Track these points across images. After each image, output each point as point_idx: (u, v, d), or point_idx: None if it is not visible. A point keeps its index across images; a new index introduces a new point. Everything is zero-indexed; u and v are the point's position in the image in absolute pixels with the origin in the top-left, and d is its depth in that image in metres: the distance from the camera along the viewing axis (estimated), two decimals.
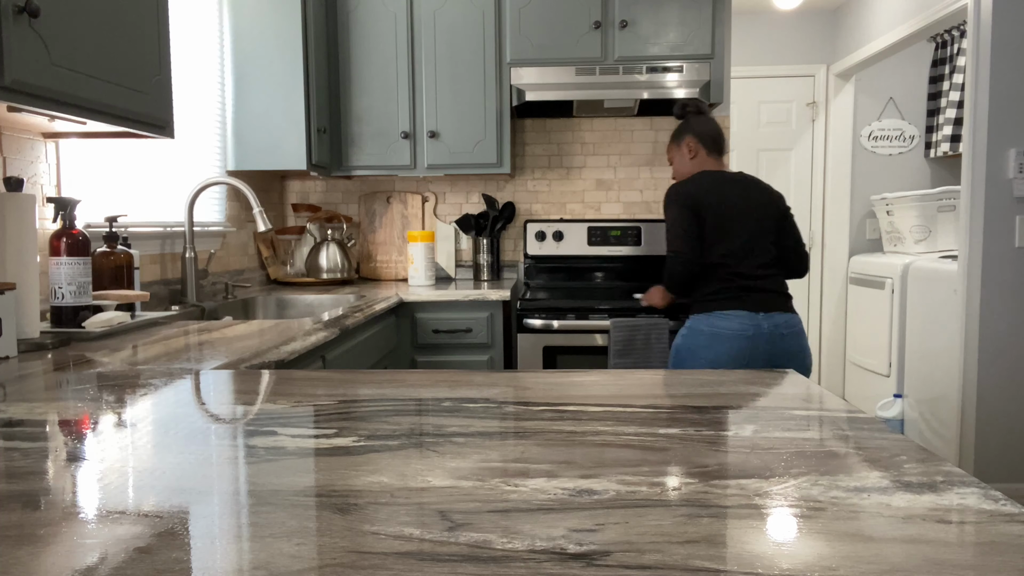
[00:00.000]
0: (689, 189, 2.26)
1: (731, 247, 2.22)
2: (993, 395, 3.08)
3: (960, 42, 4.14)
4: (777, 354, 2.20)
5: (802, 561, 0.55)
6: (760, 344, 2.17)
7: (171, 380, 1.20)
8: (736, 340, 2.16)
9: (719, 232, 2.23)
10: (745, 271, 2.22)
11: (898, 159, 4.61)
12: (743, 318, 2.17)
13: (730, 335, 2.17)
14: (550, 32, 3.03)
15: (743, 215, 2.24)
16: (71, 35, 1.40)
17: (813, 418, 0.95)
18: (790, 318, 2.22)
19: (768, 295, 2.22)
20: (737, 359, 2.17)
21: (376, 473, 0.75)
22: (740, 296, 2.20)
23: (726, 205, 2.24)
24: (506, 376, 1.22)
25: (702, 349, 2.19)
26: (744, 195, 2.27)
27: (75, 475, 0.75)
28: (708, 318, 2.20)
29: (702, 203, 2.24)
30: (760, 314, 2.18)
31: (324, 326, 1.88)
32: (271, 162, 2.83)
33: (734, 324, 2.17)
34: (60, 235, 1.63)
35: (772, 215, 2.29)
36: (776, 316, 2.20)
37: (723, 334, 2.17)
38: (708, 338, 2.19)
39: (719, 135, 2.40)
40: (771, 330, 2.18)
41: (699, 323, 2.22)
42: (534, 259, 3.37)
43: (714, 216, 2.23)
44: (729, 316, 2.18)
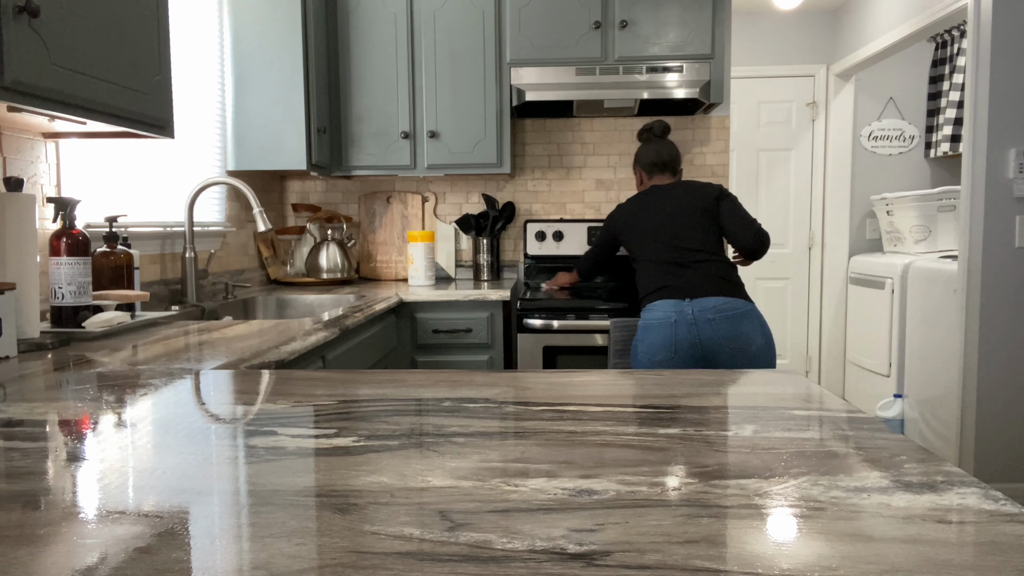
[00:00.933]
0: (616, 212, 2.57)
1: (654, 247, 2.38)
2: (993, 395, 3.08)
3: (960, 42, 4.14)
4: (706, 339, 2.23)
5: (802, 561, 0.55)
6: (683, 329, 2.22)
7: (171, 380, 1.20)
8: (661, 328, 2.25)
9: (642, 237, 2.42)
10: (672, 261, 2.32)
11: (898, 159, 4.61)
12: (667, 306, 2.28)
13: (656, 324, 2.26)
14: (550, 32, 3.03)
15: (664, 216, 2.40)
16: (71, 35, 1.40)
17: (813, 418, 0.95)
18: (724, 301, 2.24)
19: (695, 280, 2.28)
20: (665, 347, 2.24)
21: (376, 473, 0.75)
22: (665, 286, 2.33)
23: (645, 213, 2.43)
24: (506, 376, 1.22)
25: (639, 343, 2.32)
26: (664, 199, 2.43)
27: (75, 475, 0.75)
28: (644, 313, 2.35)
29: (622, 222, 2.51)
30: (685, 300, 2.25)
31: (324, 326, 1.88)
32: (271, 162, 2.83)
33: (658, 313, 2.28)
34: (60, 235, 1.63)
35: (697, 206, 2.39)
36: (704, 300, 2.25)
37: (651, 324, 2.28)
38: (642, 330, 2.32)
39: (659, 158, 2.54)
40: (697, 314, 2.23)
41: (640, 320, 2.37)
42: (534, 259, 3.37)
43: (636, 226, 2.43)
44: (656, 307, 2.30)
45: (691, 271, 2.31)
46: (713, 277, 2.29)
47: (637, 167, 2.62)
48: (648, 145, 2.59)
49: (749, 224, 2.39)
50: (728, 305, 2.24)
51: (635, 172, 2.65)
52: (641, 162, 2.59)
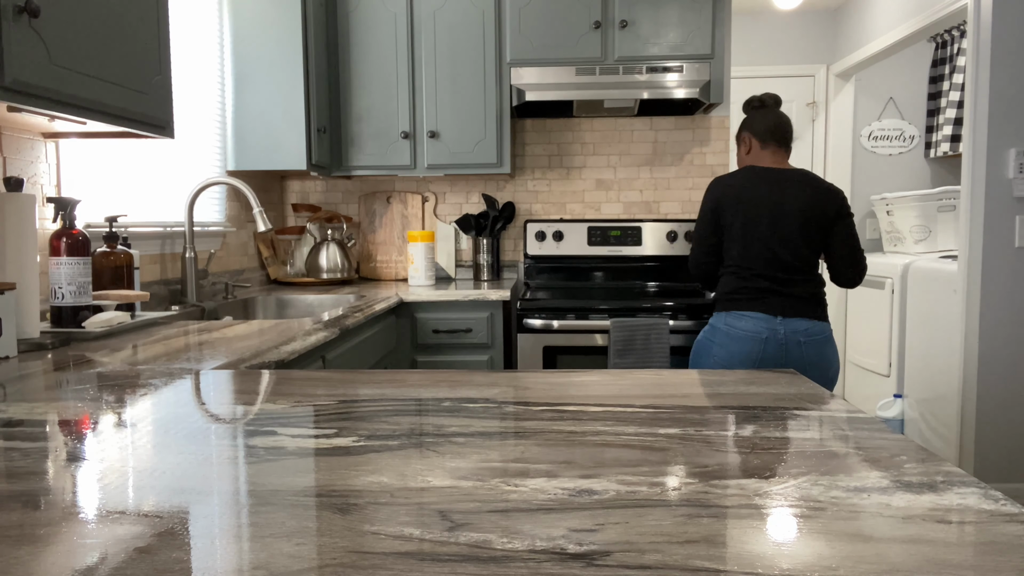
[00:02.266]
0: (720, 187, 2.23)
1: (754, 247, 2.15)
2: (993, 395, 3.08)
3: (960, 42, 4.14)
4: (793, 361, 2.13)
5: (802, 561, 0.55)
6: (772, 348, 2.11)
7: (171, 380, 1.20)
8: (749, 342, 2.12)
9: (742, 231, 2.17)
10: (769, 273, 2.15)
11: (898, 159, 4.61)
12: (759, 320, 2.12)
13: (743, 336, 2.13)
14: (550, 32, 3.03)
15: (774, 215, 2.14)
16: (71, 35, 1.40)
17: (813, 418, 0.95)
18: (813, 325, 2.13)
19: (790, 299, 2.14)
20: (748, 360, 2.12)
21: (376, 473, 0.75)
22: (759, 297, 2.15)
23: (755, 205, 2.16)
24: (506, 376, 1.22)
25: (716, 347, 2.17)
26: (783, 193, 2.16)
27: (75, 475, 0.75)
28: (726, 317, 2.17)
29: (728, 201, 2.19)
30: (778, 318, 2.12)
31: (324, 326, 1.88)
32: (271, 162, 2.83)
33: (749, 325, 2.13)
34: (60, 235, 1.63)
35: (815, 217, 2.15)
36: (796, 322, 2.12)
37: (737, 334, 2.13)
38: (723, 336, 2.16)
39: (778, 128, 2.25)
40: (787, 335, 2.11)
41: (718, 321, 2.20)
42: (534, 259, 3.37)
43: (739, 215, 2.17)
44: (745, 317, 2.14)
45: (790, 287, 2.15)
46: (808, 298, 2.15)
47: (746, 134, 2.30)
48: (764, 111, 2.28)
49: (858, 261, 2.20)
50: (817, 329, 2.14)
51: (741, 140, 2.33)
52: (754, 128, 2.27)
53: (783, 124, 2.27)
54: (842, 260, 2.20)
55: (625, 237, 3.31)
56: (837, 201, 2.18)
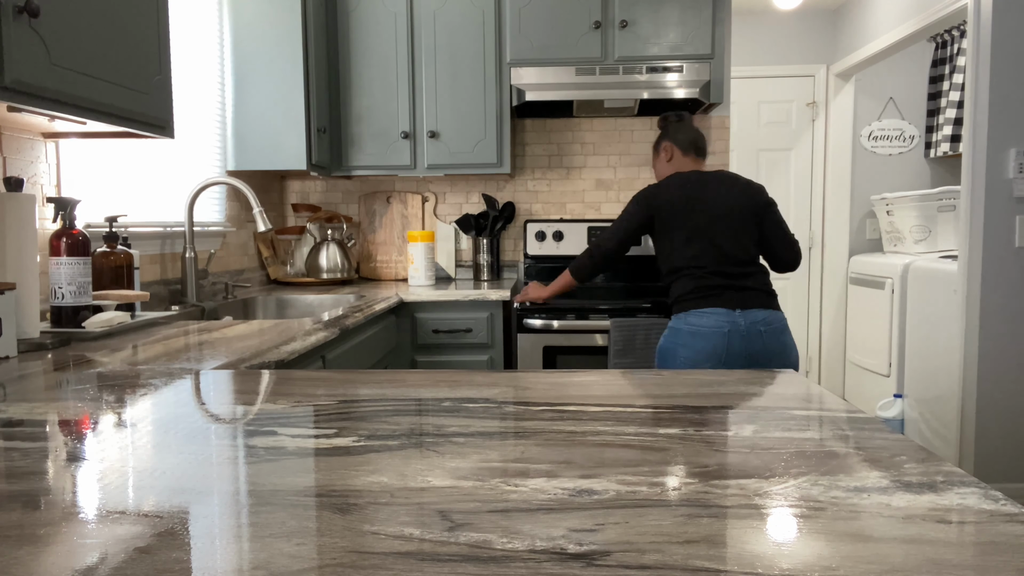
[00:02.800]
0: (654, 190, 2.32)
1: (703, 246, 2.24)
2: (993, 395, 3.08)
3: (960, 42, 4.14)
4: (756, 351, 2.19)
5: (802, 561, 0.55)
6: (736, 340, 2.17)
7: (171, 380, 1.20)
8: (712, 336, 2.17)
9: (689, 234, 2.25)
10: (721, 269, 2.22)
11: (898, 159, 4.61)
12: (719, 315, 2.18)
13: (707, 332, 2.18)
14: (550, 32, 3.03)
15: (716, 214, 2.24)
16: (71, 35, 1.40)
17: (813, 418, 0.95)
18: (770, 315, 2.22)
19: (746, 292, 2.22)
20: (714, 355, 2.18)
21: (376, 473, 0.75)
22: (716, 293, 2.21)
23: (696, 205, 2.25)
24: (506, 376, 1.22)
25: (681, 347, 2.21)
26: (716, 193, 2.27)
27: (75, 475, 0.75)
28: (686, 316, 2.22)
29: (667, 209, 2.28)
30: (737, 311, 2.19)
31: (324, 326, 1.88)
32: (271, 162, 2.83)
33: (710, 321, 2.18)
34: (60, 235, 1.63)
35: (749, 210, 2.27)
36: (754, 312, 2.20)
37: (700, 331, 2.18)
38: (686, 336, 2.20)
39: (697, 138, 2.41)
40: (748, 326, 2.18)
41: (678, 322, 2.24)
42: (534, 259, 3.37)
43: (681, 219, 2.25)
44: (706, 313, 2.20)
45: (743, 281, 2.23)
46: (761, 289, 2.24)
47: (667, 143, 2.43)
48: (682, 124, 2.45)
49: (789, 241, 2.33)
50: (774, 318, 2.22)
51: (661, 150, 2.45)
52: (676, 139, 2.41)
53: (701, 137, 2.43)
54: (778, 245, 2.32)
55: None
56: (762, 192, 2.32)
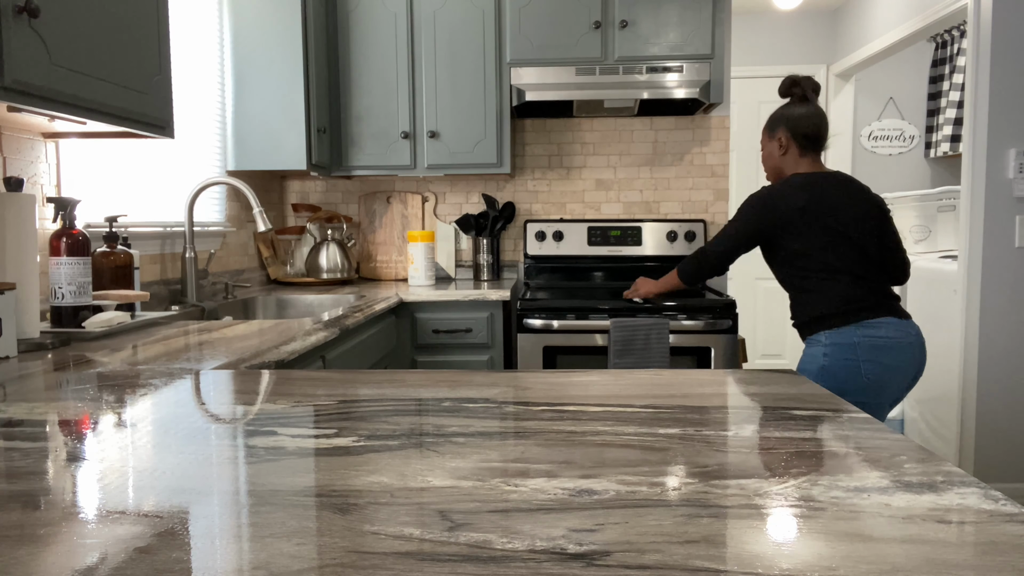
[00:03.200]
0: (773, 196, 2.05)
1: (854, 254, 2.01)
2: (993, 395, 3.08)
3: (960, 42, 4.14)
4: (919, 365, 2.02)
5: (802, 561, 0.55)
6: (914, 353, 1.98)
7: (171, 380, 1.20)
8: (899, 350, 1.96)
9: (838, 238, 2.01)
10: (875, 276, 2.02)
11: (898, 159, 4.61)
12: (896, 325, 1.96)
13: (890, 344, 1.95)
14: (550, 32, 3.03)
15: (858, 218, 2.02)
16: (71, 35, 1.40)
17: (813, 418, 0.95)
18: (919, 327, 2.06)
19: (898, 301, 2.04)
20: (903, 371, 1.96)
21: (376, 473, 0.75)
22: (881, 302, 1.99)
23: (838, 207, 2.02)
24: (506, 376, 1.22)
25: (864, 364, 1.94)
26: (850, 192, 2.05)
27: (75, 475, 0.75)
28: (858, 329, 1.96)
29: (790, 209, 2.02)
30: (904, 320, 2.00)
31: (324, 326, 1.88)
32: (271, 162, 2.83)
33: (890, 332, 1.95)
34: (60, 235, 1.63)
35: (878, 215, 2.06)
36: (914, 324, 2.02)
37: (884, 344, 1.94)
38: (868, 351, 1.94)
39: (817, 132, 2.12)
40: (916, 338, 2.00)
41: (850, 336, 1.96)
42: (534, 259, 3.37)
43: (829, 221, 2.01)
44: (882, 324, 1.96)
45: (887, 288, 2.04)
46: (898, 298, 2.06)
47: (781, 130, 2.14)
48: (804, 107, 2.13)
49: (904, 257, 2.13)
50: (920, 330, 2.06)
51: (771, 136, 2.18)
52: (797, 129, 2.12)
53: (824, 128, 2.14)
54: (895, 254, 2.11)
55: (625, 237, 3.31)
56: (881, 200, 2.12)
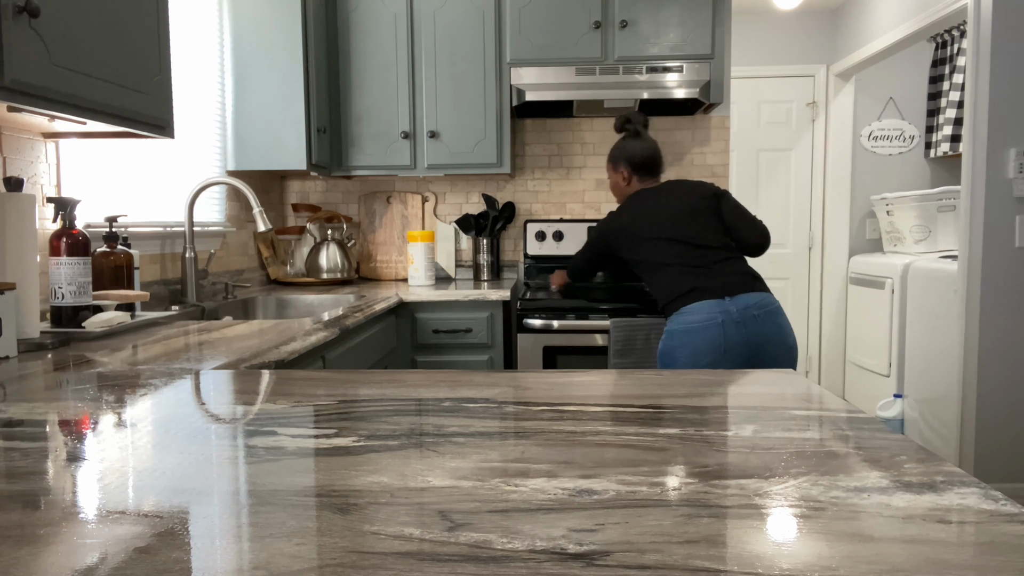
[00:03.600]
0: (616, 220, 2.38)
1: (670, 250, 2.25)
2: (993, 395, 3.08)
3: (960, 42, 4.14)
4: (754, 336, 2.16)
5: (802, 561, 0.55)
6: (731, 330, 2.14)
7: (171, 380, 1.20)
8: (708, 330, 2.15)
9: (651, 243, 2.28)
10: (696, 263, 2.22)
11: (898, 159, 4.61)
12: (709, 307, 2.16)
13: (701, 327, 2.15)
14: (550, 32, 3.03)
15: (671, 217, 2.27)
16: (71, 35, 1.40)
17: (813, 418, 0.95)
18: (761, 297, 2.19)
19: (728, 278, 2.20)
20: (714, 349, 2.14)
21: (376, 473, 0.75)
22: (700, 287, 2.20)
23: (647, 219, 2.30)
24: (506, 376, 1.22)
25: (678, 348, 2.19)
26: (663, 201, 2.32)
27: (75, 475, 0.75)
28: (678, 317, 2.21)
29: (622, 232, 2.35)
30: (725, 299, 2.17)
31: (324, 326, 1.88)
32: (271, 162, 2.83)
33: (702, 315, 2.16)
34: (60, 235, 1.63)
35: (704, 205, 2.30)
36: (743, 297, 2.17)
37: (694, 327, 2.16)
38: (681, 336, 2.18)
39: (651, 161, 2.42)
40: (741, 312, 2.15)
41: (672, 325, 2.23)
42: (534, 259, 3.37)
43: (640, 234, 2.30)
44: (695, 309, 2.18)
45: (719, 270, 2.22)
46: (742, 274, 2.22)
47: (621, 165, 2.45)
48: (634, 141, 2.43)
49: (752, 221, 2.33)
50: (766, 300, 2.19)
51: (615, 170, 2.47)
52: (631, 161, 2.43)
53: (658, 156, 2.44)
54: (743, 229, 2.32)
55: None
56: (707, 185, 2.37)
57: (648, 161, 2.42)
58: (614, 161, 2.47)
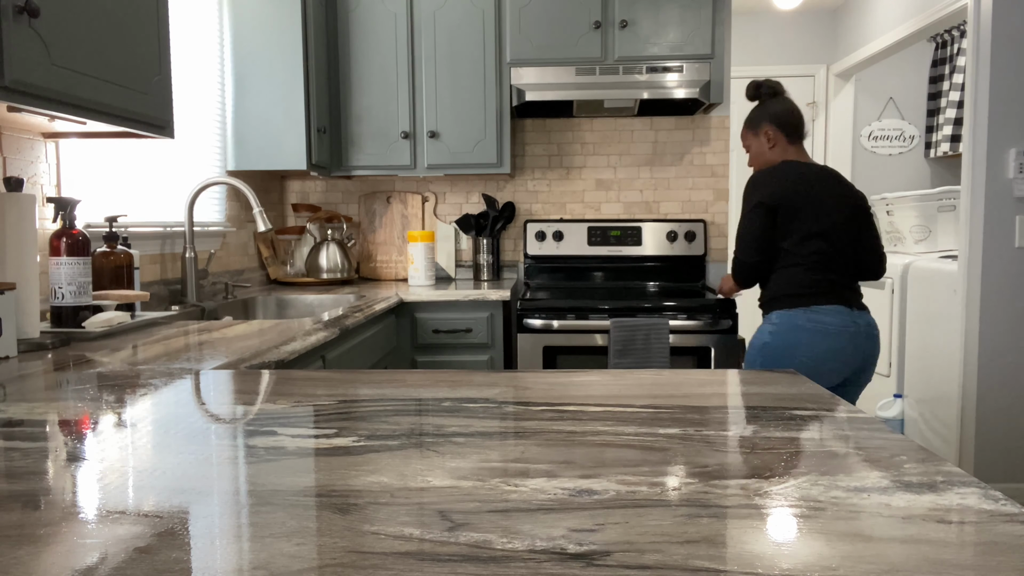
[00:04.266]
0: (774, 186, 2.14)
1: (821, 243, 2.12)
2: (993, 395, 3.08)
3: (960, 42, 4.14)
4: (866, 354, 2.13)
5: (802, 561, 0.55)
6: (858, 342, 2.10)
7: (171, 380, 1.20)
8: (839, 336, 2.08)
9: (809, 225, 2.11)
10: (834, 266, 2.13)
11: (898, 159, 4.61)
12: (843, 314, 2.09)
13: (833, 331, 2.07)
14: (550, 32, 3.03)
15: (831, 211, 2.13)
16: (71, 35, 1.40)
17: (813, 418, 0.95)
18: (872, 318, 2.16)
19: (854, 292, 2.16)
20: (838, 356, 2.09)
21: (376, 473, 0.75)
22: (836, 291, 2.11)
23: (816, 200, 2.12)
24: (506, 376, 1.22)
25: (803, 346, 2.08)
26: (832, 190, 2.15)
27: (75, 475, 0.75)
28: (806, 313, 2.09)
29: (786, 199, 2.12)
30: (854, 310, 2.12)
31: (324, 326, 1.88)
32: (271, 162, 2.83)
33: (835, 319, 2.08)
34: (60, 235, 1.63)
35: (856, 213, 2.18)
36: (864, 315, 2.14)
37: (826, 329, 2.07)
38: (810, 334, 2.08)
39: (799, 120, 2.26)
40: (864, 328, 2.11)
41: (795, 319, 2.10)
42: (534, 259, 3.37)
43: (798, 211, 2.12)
44: (829, 311, 2.09)
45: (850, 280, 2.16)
46: (859, 291, 2.18)
47: (765, 124, 2.24)
48: (780, 99, 2.25)
49: (881, 255, 2.24)
50: (875, 322, 2.16)
51: (756, 134, 2.27)
52: (776, 119, 2.22)
53: (801, 117, 2.26)
54: (873, 251, 2.22)
55: (625, 237, 3.31)
56: (863, 197, 2.23)
57: (796, 120, 2.24)
58: (754, 124, 2.27)
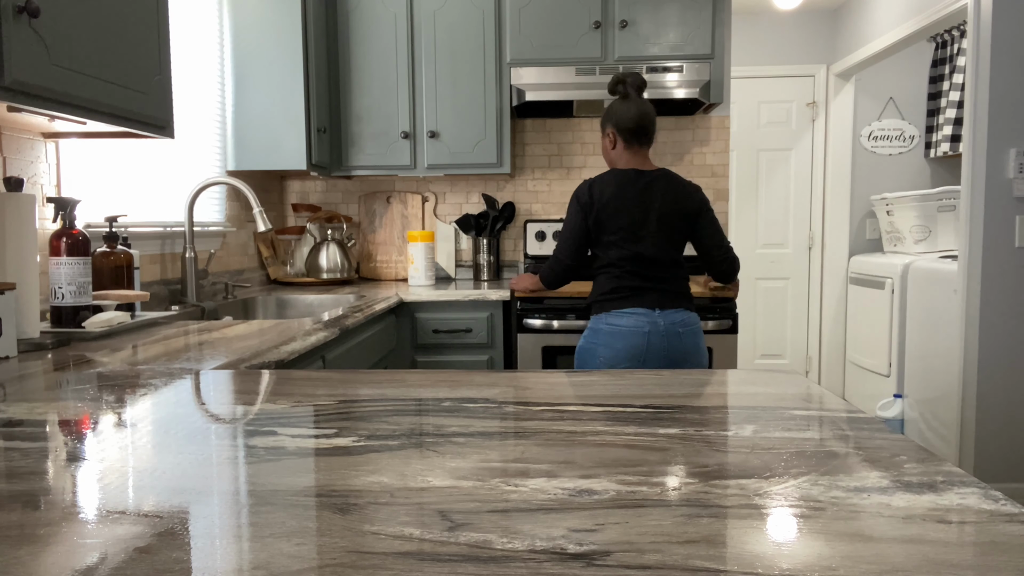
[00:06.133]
0: (589, 195, 2.22)
1: (627, 249, 2.19)
2: (993, 395, 3.08)
3: (960, 42, 4.14)
4: (674, 351, 2.20)
5: (802, 561, 0.55)
6: (655, 340, 2.17)
7: (171, 380, 1.20)
8: (632, 336, 2.16)
9: (615, 234, 2.20)
10: (642, 271, 2.20)
11: (898, 159, 4.61)
12: (639, 315, 2.18)
13: (627, 332, 2.17)
14: (550, 32, 3.03)
15: (643, 216, 2.19)
16: (71, 35, 1.40)
17: (813, 418, 0.95)
18: (687, 316, 2.22)
19: (664, 294, 2.21)
20: (633, 355, 2.17)
21: (376, 473, 0.75)
22: (636, 294, 2.20)
23: (625, 207, 2.19)
24: (506, 376, 1.22)
25: (600, 347, 2.19)
26: (647, 195, 2.20)
27: (75, 475, 0.75)
28: (607, 317, 2.20)
29: (597, 207, 2.20)
30: (656, 311, 2.19)
31: (324, 326, 1.88)
32: (271, 162, 2.83)
33: (630, 321, 2.17)
34: (60, 235, 1.63)
35: (681, 213, 2.21)
36: (673, 313, 2.20)
37: (620, 331, 2.17)
38: (606, 336, 2.18)
39: (644, 125, 2.24)
40: (667, 327, 2.18)
41: (598, 322, 2.22)
42: (534, 259, 3.37)
43: (611, 219, 2.19)
44: (626, 314, 2.18)
45: (662, 283, 2.21)
46: (679, 292, 2.24)
47: (610, 128, 2.26)
48: (627, 103, 2.25)
49: (727, 251, 2.29)
50: (692, 319, 2.23)
51: (605, 133, 2.29)
52: (620, 124, 2.24)
53: (647, 121, 2.24)
54: (714, 251, 2.28)
55: None
56: (697, 198, 2.26)
57: (636, 127, 2.23)
58: (603, 123, 2.31)
